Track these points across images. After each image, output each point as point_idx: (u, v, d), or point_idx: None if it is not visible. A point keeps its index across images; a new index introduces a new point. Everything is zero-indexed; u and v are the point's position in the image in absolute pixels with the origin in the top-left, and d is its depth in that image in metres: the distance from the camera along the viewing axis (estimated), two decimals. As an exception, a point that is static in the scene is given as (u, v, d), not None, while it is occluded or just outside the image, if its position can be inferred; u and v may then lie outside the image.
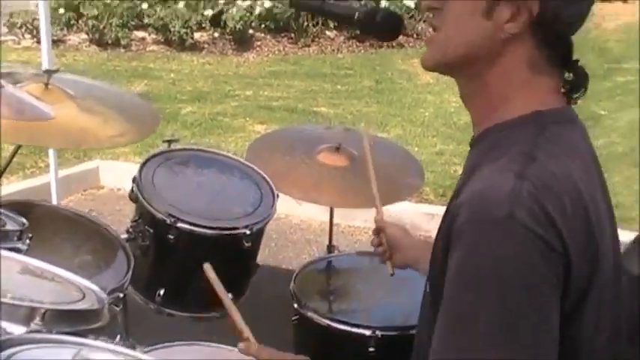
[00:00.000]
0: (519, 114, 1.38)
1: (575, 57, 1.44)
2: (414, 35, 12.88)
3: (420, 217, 5.69)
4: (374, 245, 2.22)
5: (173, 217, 2.46)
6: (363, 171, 2.43)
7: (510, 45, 1.37)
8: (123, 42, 12.25)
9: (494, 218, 1.21)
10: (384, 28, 1.51)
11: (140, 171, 2.60)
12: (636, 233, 2.50)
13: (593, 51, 12.96)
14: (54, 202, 4.64)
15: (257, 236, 2.62)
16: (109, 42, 12.25)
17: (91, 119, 2.49)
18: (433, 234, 1.48)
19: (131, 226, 2.60)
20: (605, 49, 13.60)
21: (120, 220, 4.84)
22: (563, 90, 1.45)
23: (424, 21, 13.31)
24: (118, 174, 6.26)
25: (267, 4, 11.86)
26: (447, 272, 1.28)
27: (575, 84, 1.45)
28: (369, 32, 1.51)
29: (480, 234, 1.23)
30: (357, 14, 1.50)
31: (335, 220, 3.43)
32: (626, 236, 1.97)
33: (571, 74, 1.45)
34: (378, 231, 2.21)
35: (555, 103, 1.41)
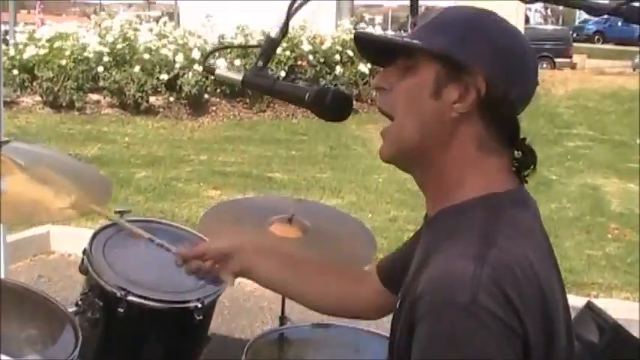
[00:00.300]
0: (473, 195, 1.42)
1: (526, 123, 1.49)
2: (369, 101, 13.06)
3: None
4: (191, 272, 2.08)
5: (124, 290, 2.43)
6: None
7: (460, 125, 1.41)
8: (77, 105, 12.24)
9: (458, 303, 1.24)
10: (334, 109, 1.53)
11: (91, 243, 2.57)
12: (587, 298, 2.54)
13: (543, 117, 13.26)
14: (2, 267, 4.55)
15: (208, 309, 2.59)
16: (63, 104, 12.24)
17: (42, 191, 2.44)
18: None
19: (80, 299, 2.56)
20: (555, 115, 13.93)
21: (71, 286, 4.77)
22: (514, 168, 1.48)
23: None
24: (69, 239, 6.18)
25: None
26: (412, 358, 1.30)
27: (524, 162, 1.49)
28: (319, 112, 1.53)
29: (445, 319, 1.25)
30: (307, 95, 1.53)
31: (288, 288, 3.41)
32: (577, 301, 1.99)
33: (520, 152, 1.49)
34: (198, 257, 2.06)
35: (507, 183, 1.45)
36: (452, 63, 1.38)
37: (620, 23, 44.50)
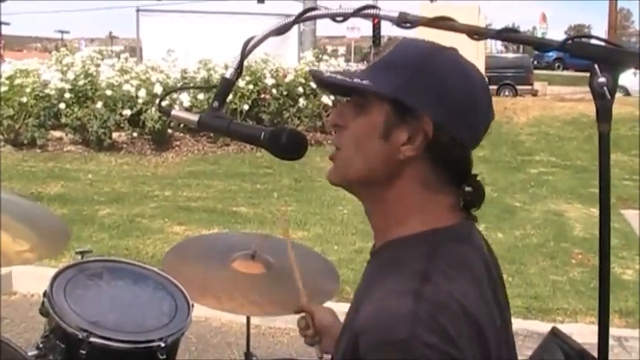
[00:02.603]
0: (415, 231, 1.42)
1: (489, 151, 1.50)
2: (332, 133, 13.09)
3: (341, 316, 5.66)
4: (301, 327, 2.12)
5: (85, 331, 2.41)
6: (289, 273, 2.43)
7: (407, 166, 1.41)
8: (39, 142, 12.15)
9: (398, 340, 1.24)
10: (289, 149, 1.54)
11: (51, 284, 2.56)
12: (553, 324, 2.55)
13: (506, 144, 13.39)
14: (-37, 310, 4.49)
15: (172, 348, 2.58)
16: (25, 142, 12.14)
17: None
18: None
19: (42, 342, 2.54)
20: (518, 142, 14.07)
21: (34, 327, 4.71)
22: (462, 204, 1.49)
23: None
24: (31, 279, 6.12)
25: (186, 104, 11.94)
26: None
27: (471, 200, 1.49)
28: (274, 152, 1.53)
29: (386, 356, 1.24)
30: (262, 135, 1.53)
31: (255, 322, 3.39)
32: (543, 327, 2.00)
33: (471, 188, 1.49)
34: (306, 314, 2.13)
35: (451, 219, 1.45)
36: (401, 106, 1.39)
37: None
